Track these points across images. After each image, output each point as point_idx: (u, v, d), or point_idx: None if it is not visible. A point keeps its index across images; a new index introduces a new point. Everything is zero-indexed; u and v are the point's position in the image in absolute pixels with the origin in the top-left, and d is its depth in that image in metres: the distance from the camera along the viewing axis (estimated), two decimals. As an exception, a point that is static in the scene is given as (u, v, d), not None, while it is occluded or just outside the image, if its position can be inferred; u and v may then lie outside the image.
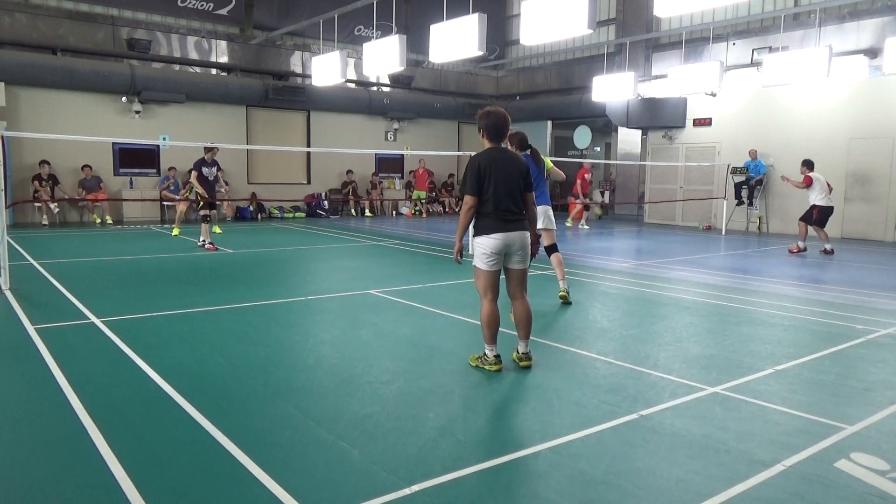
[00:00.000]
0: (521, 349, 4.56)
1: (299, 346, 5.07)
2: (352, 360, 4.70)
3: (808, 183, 11.31)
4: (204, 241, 10.73)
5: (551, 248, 6.84)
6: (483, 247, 4.32)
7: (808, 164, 11.48)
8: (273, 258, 9.99)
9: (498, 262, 4.37)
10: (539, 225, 6.19)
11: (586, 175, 15.89)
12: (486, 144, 4.44)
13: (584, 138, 19.98)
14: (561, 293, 6.77)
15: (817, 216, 11.33)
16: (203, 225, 10.79)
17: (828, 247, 11.22)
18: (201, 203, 10.76)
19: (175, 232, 12.47)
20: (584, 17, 7.74)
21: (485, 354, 4.51)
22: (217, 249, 10.50)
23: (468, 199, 4.29)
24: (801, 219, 11.57)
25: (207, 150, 10.64)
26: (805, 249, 11.27)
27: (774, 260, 10.66)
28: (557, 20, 8.11)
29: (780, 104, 15.01)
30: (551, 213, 6.81)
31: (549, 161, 6.93)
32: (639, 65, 17.75)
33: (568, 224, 16.22)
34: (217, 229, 13.09)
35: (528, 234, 4.43)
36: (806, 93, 14.51)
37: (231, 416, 3.55)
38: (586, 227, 15.90)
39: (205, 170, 10.67)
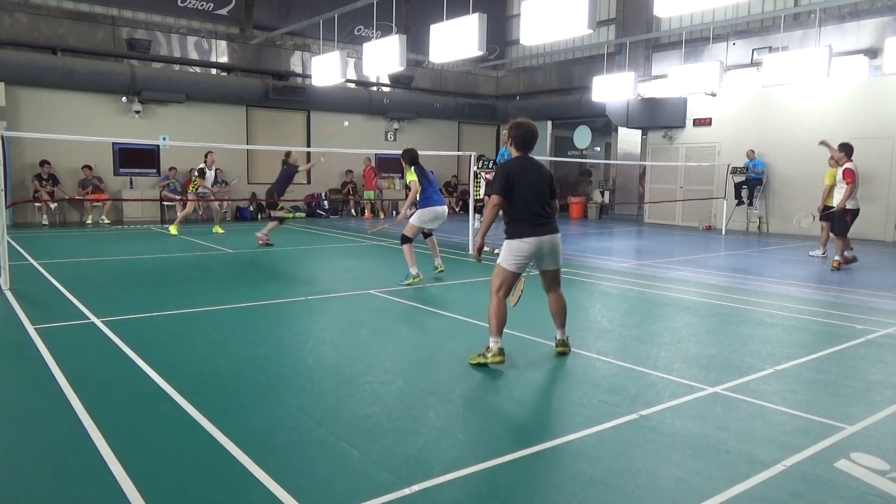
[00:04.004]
0: (559, 336, 4.83)
1: (299, 346, 5.07)
2: (352, 360, 4.71)
3: (852, 179, 9.34)
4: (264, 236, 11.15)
5: None
6: (515, 249, 4.51)
7: (849, 151, 9.48)
8: (273, 258, 9.98)
9: (525, 266, 4.58)
10: None
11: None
12: (514, 153, 4.66)
13: (584, 138, 19.98)
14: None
15: (851, 221, 9.62)
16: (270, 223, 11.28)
17: (839, 256, 9.75)
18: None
19: (173, 231, 12.49)
20: (584, 17, 7.74)
21: (488, 347, 4.57)
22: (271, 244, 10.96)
23: (494, 199, 4.51)
24: (836, 233, 9.67)
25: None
26: (855, 259, 9.80)
27: (774, 260, 10.66)
28: (557, 20, 8.10)
29: (780, 104, 15.01)
30: None
31: None
32: (639, 65, 17.75)
33: None
34: (218, 229, 13.10)
35: (559, 236, 4.61)
36: (806, 93, 14.51)
37: (231, 416, 3.55)
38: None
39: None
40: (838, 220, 9.65)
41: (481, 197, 13.54)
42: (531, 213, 4.49)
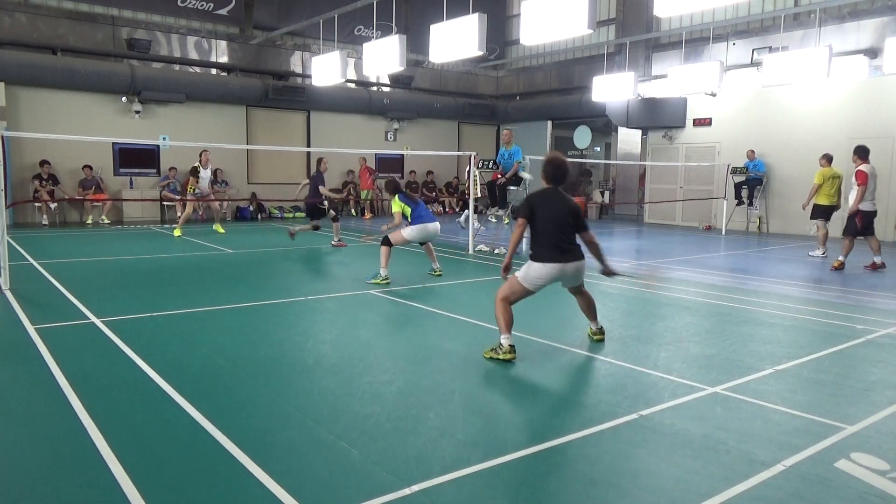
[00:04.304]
0: (594, 328, 5.26)
1: (299, 346, 5.07)
2: (352, 360, 4.71)
3: (863, 181, 9.21)
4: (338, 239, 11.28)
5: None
6: (535, 271, 4.71)
7: (863, 153, 9.36)
8: (273, 258, 9.98)
9: (542, 287, 4.77)
10: None
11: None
12: (544, 184, 4.93)
13: (584, 138, 19.99)
14: None
15: (862, 223, 9.28)
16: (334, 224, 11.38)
17: (878, 259, 9.35)
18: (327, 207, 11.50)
19: (177, 233, 12.48)
20: (584, 17, 7.74)
21: (500, 345, 4.65)
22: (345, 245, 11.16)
23: (519, 221, 4.88)
24: (845, 232, 9.57)
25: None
26: (884, 266, 9.37)
27: (774, 260, 10.65)
28: (557, 20, 8.10)
29: (780, 104, 15.01)
30: None
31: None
32: (639, 65, 17.75)
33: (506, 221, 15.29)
34: (219, 228, 13.08)
35: (581, 263, 4.84)
36: (806, 93, 14.51)
37: (231, 416, 3.55)
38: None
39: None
40: (848, 221, 9.57)
41: (479, 196, 13.56)
42: (552, 239, 4.70)
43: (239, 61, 17.29)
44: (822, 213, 10.55)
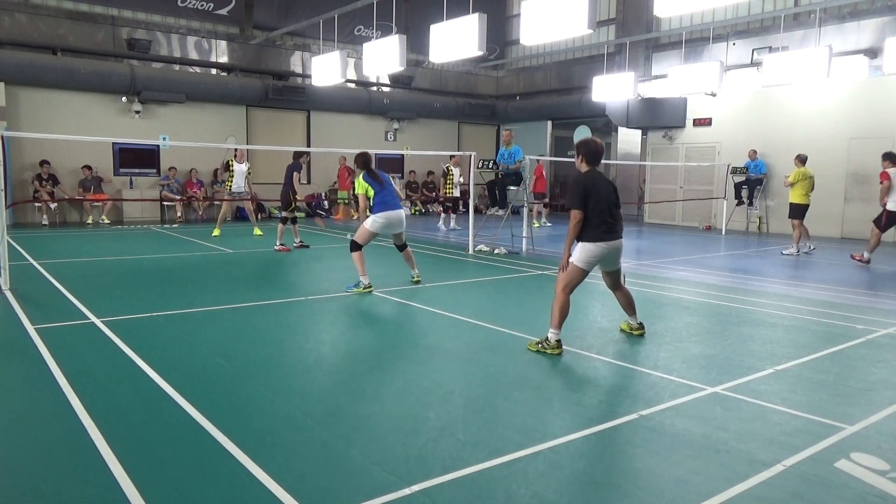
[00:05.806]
0: (634, 322, 5.42)
1: (299, 346, 5.07)
2: (352, 360, 4.70)
3: (885, 179, 9.81)
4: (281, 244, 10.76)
5: None
6: (589, 251, 4.89)
7: (893, 158, 9.79)
8: (273, 258, 9.98)
9: (594, 266, 4.99)
10: None
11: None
12: (584, 168, 5.02)
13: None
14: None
15: (887, 221, 9.92)
16: (280, 226, 10.82)
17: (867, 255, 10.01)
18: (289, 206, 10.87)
19: (216, 233, 12.40)
20: (584, 17, 7.73)
21: (547, 339, 4.81)
22: (289, 250, 10.58)
23: (576, 214, 4.85)
24: (878, 225, 10.08)
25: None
26: (868, 262, 10.01)
27: (774, 260, 10.65)
28: (557, 20, 8.10)
29: (780, 104, 15.01)
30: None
31: None
32: (639, 65, 17.74)
33: (537, 224, 15.74)
34: (258, 232, 12.85)
35: (622, 241, 5.06)
36: (806, 93, 14.51)
37: (231, 416, 3.55)
38: (547, 223, 16.25)
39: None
40: (883, 217, 10.03)
41: (454, 195, 14.91)
42: (603, 219, 4.87)
43: (239, 61, 17.29)
44: (799, 212, 11.18)
